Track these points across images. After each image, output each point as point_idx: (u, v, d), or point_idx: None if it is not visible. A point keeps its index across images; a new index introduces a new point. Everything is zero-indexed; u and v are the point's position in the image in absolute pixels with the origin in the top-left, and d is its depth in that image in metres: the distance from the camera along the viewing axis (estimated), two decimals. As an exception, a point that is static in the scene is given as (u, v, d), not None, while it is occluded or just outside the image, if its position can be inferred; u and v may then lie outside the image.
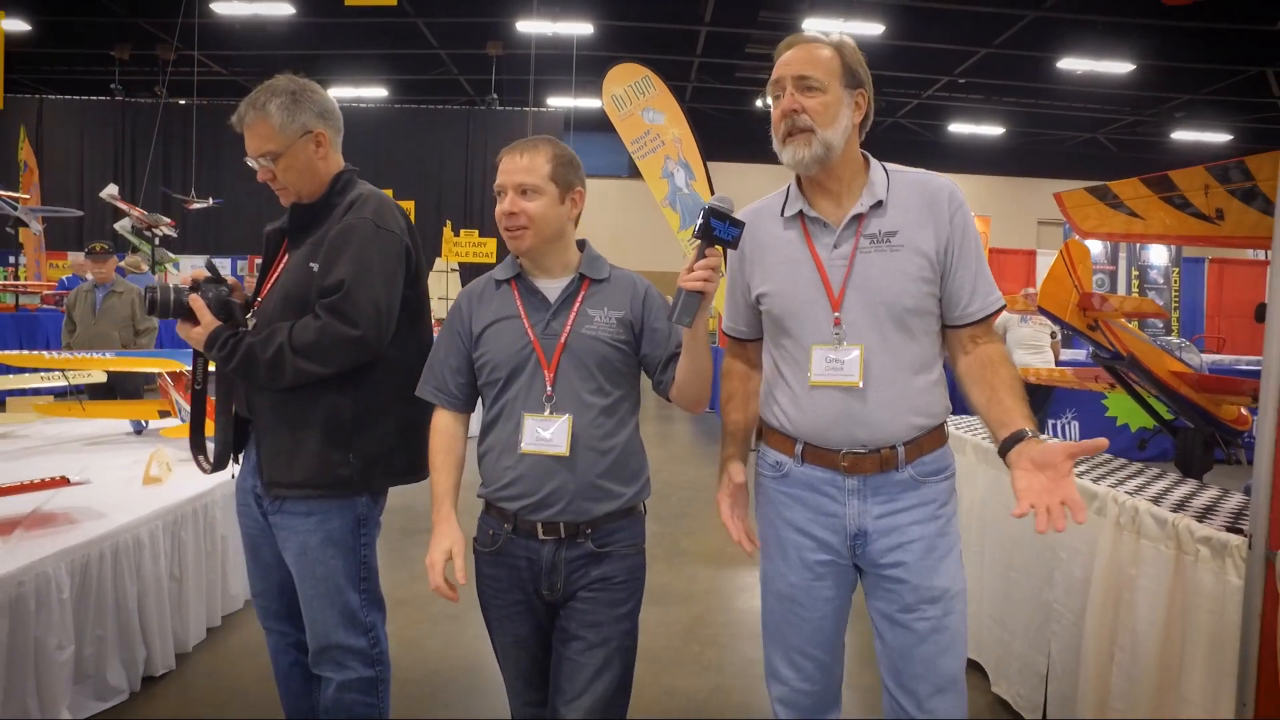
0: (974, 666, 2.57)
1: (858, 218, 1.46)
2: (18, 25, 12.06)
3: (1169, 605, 1.80)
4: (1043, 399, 5.72)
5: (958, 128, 16.33)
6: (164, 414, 3.48)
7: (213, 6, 11.64)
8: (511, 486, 1.50)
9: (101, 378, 3.89)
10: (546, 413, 1.48)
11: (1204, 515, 1.85)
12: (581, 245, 1.62)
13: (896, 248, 1.44)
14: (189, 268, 11.65)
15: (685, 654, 2.84)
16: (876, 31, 11.66)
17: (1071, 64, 12.38)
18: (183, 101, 13.64)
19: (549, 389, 1.49)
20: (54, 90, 14.28)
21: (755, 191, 1.64)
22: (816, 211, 1.49)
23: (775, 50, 1.50)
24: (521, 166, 1.49)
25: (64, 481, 2.31)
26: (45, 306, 8.02)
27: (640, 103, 7.12)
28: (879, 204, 1.46)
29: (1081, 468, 2.42)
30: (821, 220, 1.48)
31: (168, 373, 3.51)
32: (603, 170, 16.07)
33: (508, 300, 1.55)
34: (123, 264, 7.17)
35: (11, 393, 3.50)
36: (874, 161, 1.53)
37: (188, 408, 3.34)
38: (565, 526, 1.49)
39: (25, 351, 3.90)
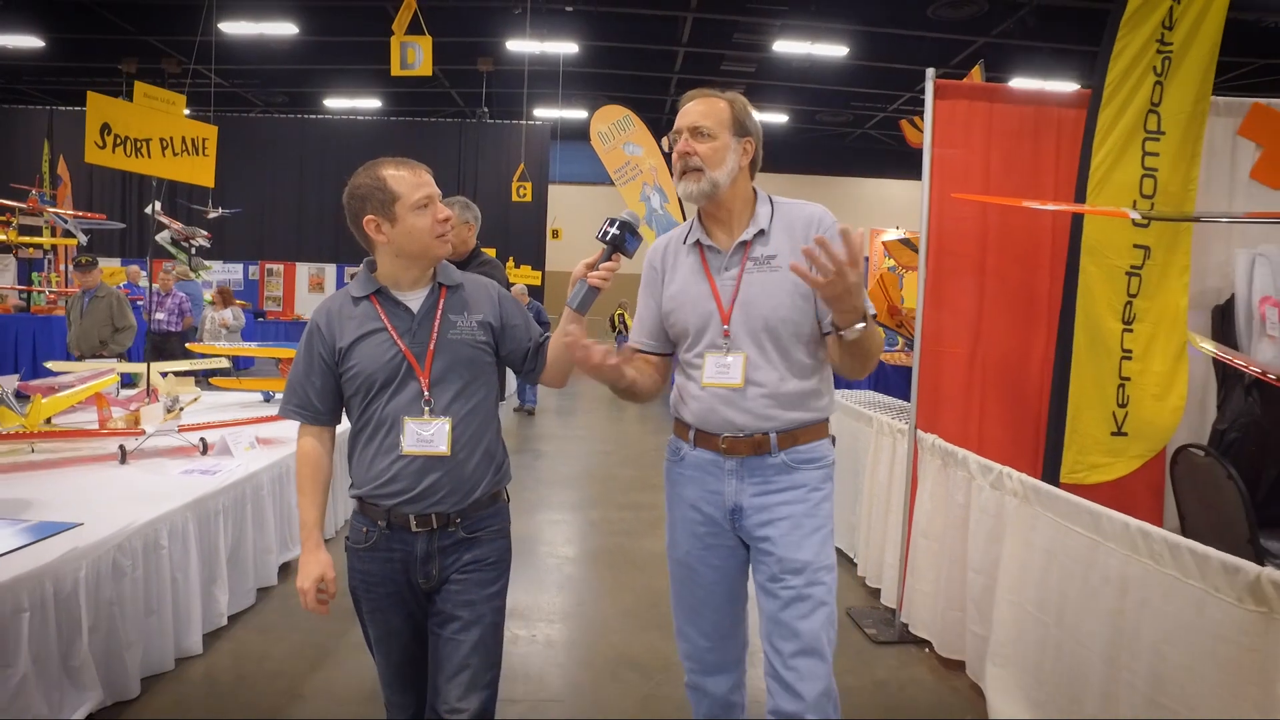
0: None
1: (744, 244, 1.82)
2: (32, 42, 13.80)
3: (889, 470, 3.79)
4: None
5: (925, 137, 18.41)
6: (290, 387, 5.39)
7: (221, 26, 13.40)
8: (391, 484, 1.70)
9: (226, 363, 5.79)
10: (426, 416, 1.69)
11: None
12: None
13: (775, 269, 1.78)
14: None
15: (651, 531, 4.82)
16: (842, 53, 13.63)
17: (1023, 83, 14.37)
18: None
19: (426, 394, 1.70)
20: (62, 101, 15.99)
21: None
22: (711, 240, 1.86)
23: (680, 100, 1.87)
24: (429, 179, 1.75)
25: (279, 417, 4.23)
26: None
27: (621, 138, 9.07)
28: (761, 232, 1.81)
29: (890, 414, 4.36)
30: (715, 247, 1.85)
31: (287, 358, 5.44)
32: (588, 178, 18.03)
33: (370, 315, 1.73)
34: (173, 272, 9.01)
35: (182, 373, 5.39)
36: (763, 195, 1.88)
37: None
38: (437, 518, 1.71)
39: (200, 344, 5.80)
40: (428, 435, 1.68)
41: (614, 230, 1.70)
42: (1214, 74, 3.11)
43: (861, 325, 1.64)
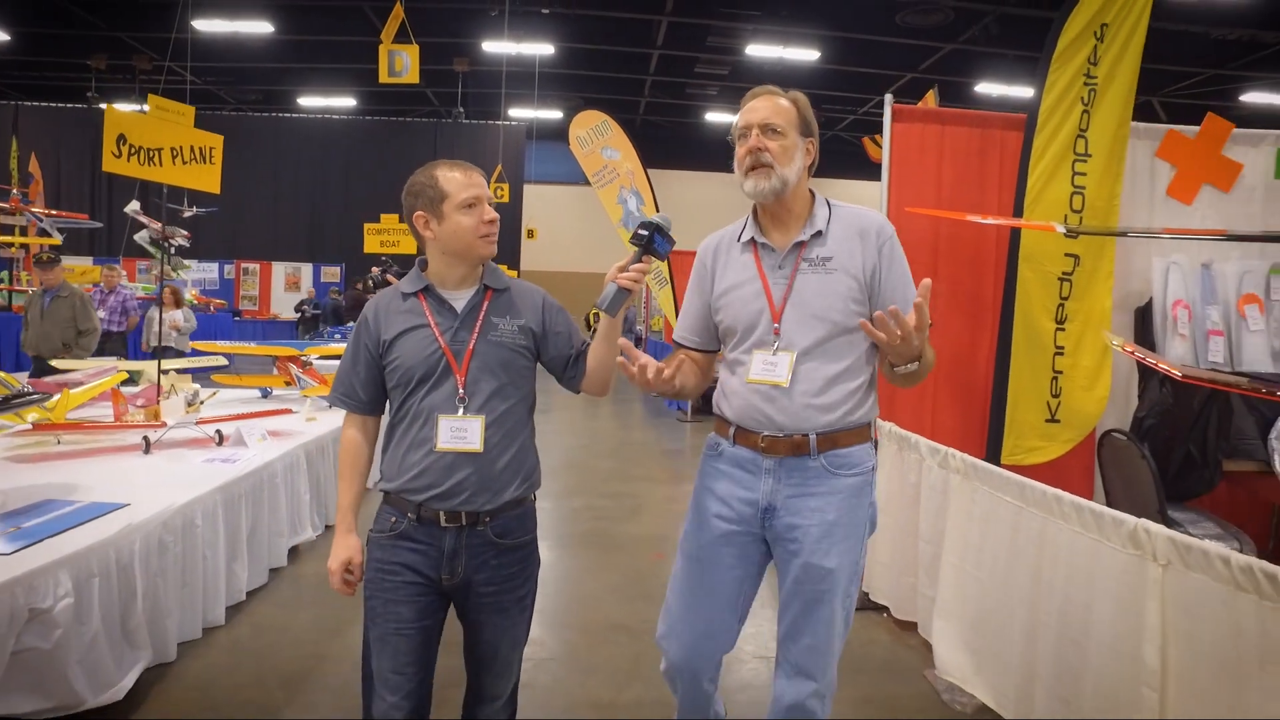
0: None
1: (799, 244, 1.86)
2: (-1, 36, 13.82)
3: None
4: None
5: (895, 139, 19.04)
6: (288, 384, 5.70)
7: (195, 24, 13.53)
8: (419, 479, 1.75)
9: (224, 361, 6.09)
10: (460, 413, 1.74)
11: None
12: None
13: (831, 271, 1.83)
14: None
15: (631, 517, 5.24)
16: (813, 57, 14.12)
17: (986, 88, 15.00)
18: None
19: (461, 391, 1.75)
20: (27, 96, 15.96)
21: (699, 195, 2.75)
22: (766, 238, 1.90)
23: (743, 99, 1.90)
24: (480, 181, 1.82)
25: (289, 411, 4.57)
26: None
27: (600, 143, 9.47)
28: (819, 234, 1.86)
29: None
30: (770, 246, 1.89)
31: (284, 357, 5.76)
32: (563, 178, 18.37)
33: (416, 311, 1.81)
34: (150, 272, 9.23)
35: (185, 370, 5.69)
36: (819, 198, 1.92)
37: (305, 378, 5.59)
38: (466, 515, 1.76)
39: (206, 342, 6.08)
40: (462, 432, 1.74)
41: (644, 232, 1.76)
42: (1134, 103, 3.59)
43: (914, 365, 1.75)
